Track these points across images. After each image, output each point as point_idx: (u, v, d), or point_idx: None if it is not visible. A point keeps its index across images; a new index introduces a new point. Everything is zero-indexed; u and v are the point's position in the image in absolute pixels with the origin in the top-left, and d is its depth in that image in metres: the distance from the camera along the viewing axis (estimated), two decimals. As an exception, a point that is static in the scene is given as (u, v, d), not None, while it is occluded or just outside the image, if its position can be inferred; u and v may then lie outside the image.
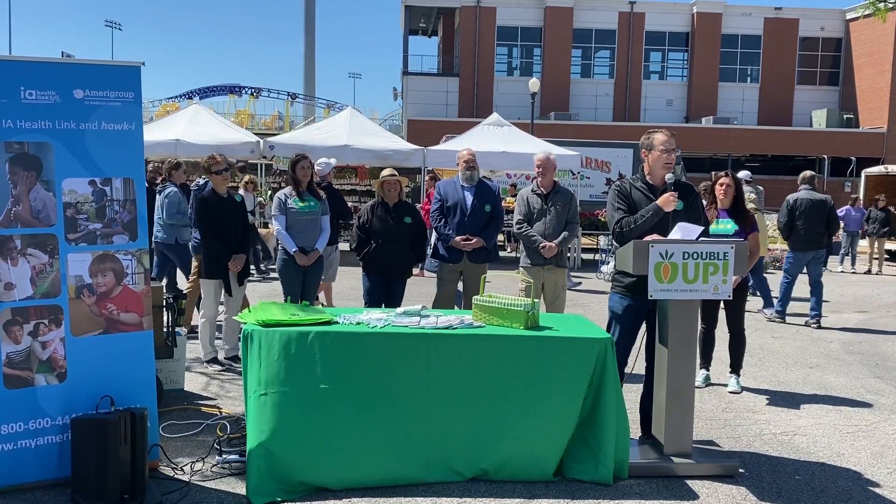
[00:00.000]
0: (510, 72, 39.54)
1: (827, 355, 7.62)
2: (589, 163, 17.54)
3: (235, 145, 13.97)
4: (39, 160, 3.82)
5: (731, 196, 6.15)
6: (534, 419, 4.09)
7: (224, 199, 6.26)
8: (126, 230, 4.05)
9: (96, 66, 4.01)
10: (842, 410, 5.69)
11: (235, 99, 48.54)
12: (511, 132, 15.83)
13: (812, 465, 4.53)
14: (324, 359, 3.99)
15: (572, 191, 6.50)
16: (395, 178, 6.17)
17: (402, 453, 4.04)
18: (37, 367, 3.84)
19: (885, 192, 17.13)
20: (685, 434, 4.31)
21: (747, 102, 39.44)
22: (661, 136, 4.56)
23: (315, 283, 6.57)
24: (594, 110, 38.43)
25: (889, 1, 16.00)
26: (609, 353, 4.09)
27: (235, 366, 6.29)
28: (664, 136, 4.55)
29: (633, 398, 5.00)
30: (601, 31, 38.67)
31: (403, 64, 39.61)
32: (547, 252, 6.06)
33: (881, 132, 36.29)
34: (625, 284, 4.57)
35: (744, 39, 39.16)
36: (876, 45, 36.60)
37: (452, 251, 6.28)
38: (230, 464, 4.16)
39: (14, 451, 3.80)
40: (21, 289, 3.79)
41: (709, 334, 6.25)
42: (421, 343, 4.05)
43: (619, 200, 4.61)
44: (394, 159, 14.03)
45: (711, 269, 4.22)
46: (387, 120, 48.56)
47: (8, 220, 3.76)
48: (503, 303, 4.31)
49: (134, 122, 4.05)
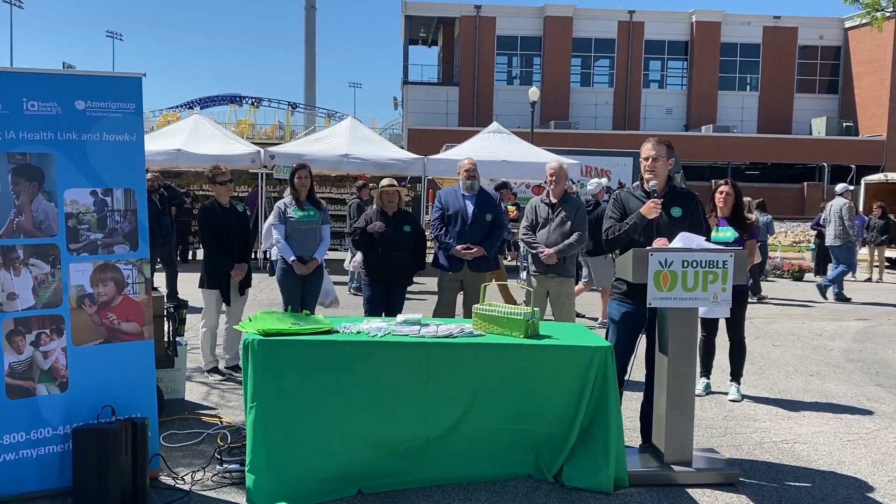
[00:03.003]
0: (510, 81, 39.68)
1: (827, 363, 7.62)
2: (589, 171, 17.58)
3: (236, 155, 14.01)
4: (41, 171, 3.84)
5: (730, 204, 6.17)
6: (535, 427, 4.10)
7: (226, 210, 6.28)
8: (127, 240, 4.07)
9: (98, 77, 4.04)
10: (842, 418, 5.69)
11: (236, 109, 48.76)
12: (511, 141, 15.87)
13: (813, 472, 4.53)
14: (324, 368, 4.00)
15: (579, 199, 6.52)
16: (394, 187, 6.20)
17: (402, 462, 4.05)
18: (38, 377, 3.85)
19: (884, 199, 17.12)
20: (686, 442, 4.32)
21: (747, 110, 39.54)
22: (644, 146, 4.68)
23: (315, 293, 6.58)
24: (594, 119, 38.54)
25: (886, 10, 16.07)
26: (609, 362, 4.10)
27: (236, 375, 6.29)
28: (647, 144, 4.67)
29: (633, 406, 5.00)
30: (600, 40, 38.82)
31: (404, 73, 39.77)
32: (546, 259, 6.08)
33: (880, 140, 36.37)
34: (622, 291, 4.59)
35: (743, 48, 39.31)
36: (874, 54, 36.73)
37: (453, 260, 6.30)
38: (231, 473, 4.16)
39: (15, 460, 3.81)
40: (23, 299, 3.81)
41: (709, 342, 6.25)
42: (421, 352, 4.06)
43: (614, 209, 4.71)
44: (394, 168, 14.07)
45: (711, 277, 4.23)
46: (387, 129, 48.70)
47: (10, 230, 3.78)
48: (503, 311, 4.32)
49: (135, 133, 4.08)
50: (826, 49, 39.60)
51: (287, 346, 4.00)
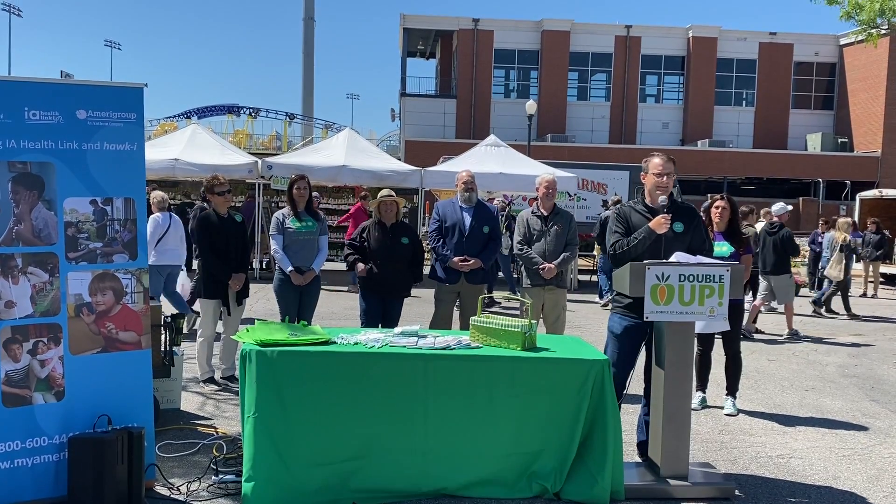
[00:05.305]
0: (507, 94, 39.82)
1: (822, 378, 7.64)
2: (585, 184, 17.61)
3: (233, 165, 14.02)
4: (42, 180, 3.85)
5: (726, 219, 6.20)
6: (532, 440, 4.10)
7: (224, 219, 6.29)
8: (126, 249, 4.07)
9: (99, 87, 4.07)
10: (838, 433, 5.70)
11: (233, 119, 48.76)
12: (508, 153, 15.90)
13: (808, 487, 4.53)
14: (321, 379, 4.01)
15: (570, 212, 6.55)
16: (392, 198, 6.21)
17: (398, 473, 4.04)
18: (35, 386, 3.85)
19: (879, 215, 17.20)
20: (682, 456, 4.32)
21: (742, 126, 39.72)
22: (656, 161, 4.64)
23: (312, 303, 6.58)
24: (590, 132, 38.66)
25: (881, 27, 16.20)
26: (607, 375, 4.11)
27: (232, 385, 6.28)
28: (660, 160, 4.63)
29: (631, 420, 5.01)
30: (597, 55, 39.01)
31: (401, 85, 39.89)
32: (546, 273, 6.10)
33: (875, 156, 36.55)
34: (624, 305, 4.60)
35: (739, 63, 39.52)
36: (869, 70, 36.96)
37: (450, 272, 6.31)
38: (226, 484, 4.15)
39: (11, 469, 3.79)
40: (21, 307, 3.81)
41: (705, 356, 6.27)
42: (418, 363, 4.06)
43: (618, 223, 4.69)
44: (392, 180, 14.08)
45: (707, 291, 4.25)
46: (384, 141, 48.76)
47: (10, 238, 3.78)
48: (501, 324, 4.33)
49: (136, 143, 4.10)
50: (821, 65, 39.84)
51: (284, 356, 4.00)
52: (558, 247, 6.18)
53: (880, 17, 15.40)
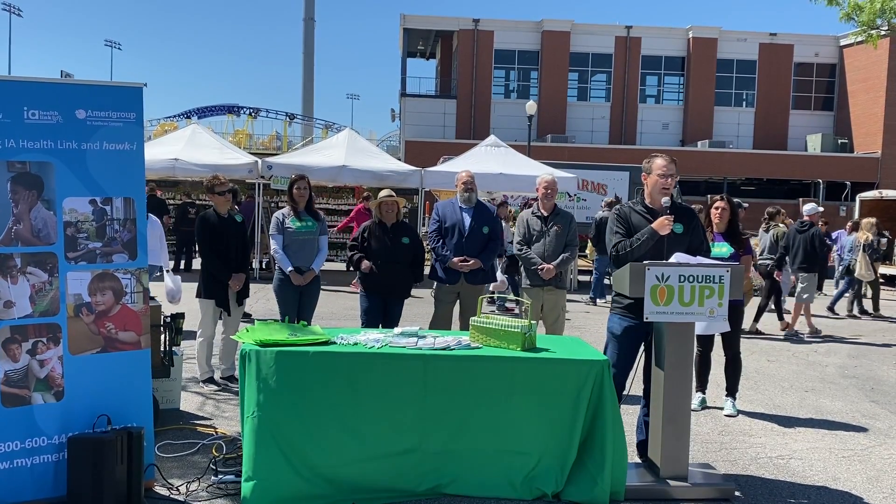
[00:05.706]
0: (507, 94, 39.78)
1: (822, 379, 7.63)
2: (585, 185, 17.62)
3: (233, 165, 14.02)
4: (41, 179, 3.85)
5: (726, 219, 6.20)
6: (532, 440, 4.10)
7: (225, 220, 6.29)
8: (126, 249, 4.07)
9: (99, 86, 4.06)
10: (837, 434, 5.69)
11: (233, 119, 48.72)
12: (508, 154, 15.91)
13: (808, 488, 4.53)
14: (321, 379, 4.00)
15: (570, 213, 6.55)
16: (392, 198, 6.20)
17: (397, 473, 4.04)
18: (34, 386, 3.84)
19: (879, 216, 17.19)
20: (681, 457, 4.32)
21: (742, 126, 39.70)
22: (659, 161, 4.63)
23: (312, 303, 6.57)
24: (590, 133, 38.63)
25: (881, 28, 16.20)
26: (606, 375, 4.10)
27: (231, 385, 6.28)
28: (663, 161, 4.62)
29: (631, 420, 5.00)
30: (598, 55, 38.97)
31: (401, 86, 39.84)
32: (545, 274, 6.10)
33: (875, 157, 36.53)
34: (624, 305, 4.59)
35: (739, 64, 39.50)
36: (869, 72, 36.94)
37: (450, 272, 6.31)
38: (226, 484, 4.15)
39: (10, 469, 3.79)
40: (20, 307, 3.80)
41: (705, 357, 6.27)
42: (418, 364, 4.06)
43: (618, 224, 4.67)
44: (392, 180, 14.08)
45: (707, 292, 4.25)
46: (384, 141, 48.74)
47: (9, 238, 3.78)
48: (500, 324, 4.33)
49: (135, 143, 4.10)
50: (821, 66, 39.82)
51: (284, 356, 4.00)
52: (558, 247, 6.17)
53: (880, 17, 15.38)
